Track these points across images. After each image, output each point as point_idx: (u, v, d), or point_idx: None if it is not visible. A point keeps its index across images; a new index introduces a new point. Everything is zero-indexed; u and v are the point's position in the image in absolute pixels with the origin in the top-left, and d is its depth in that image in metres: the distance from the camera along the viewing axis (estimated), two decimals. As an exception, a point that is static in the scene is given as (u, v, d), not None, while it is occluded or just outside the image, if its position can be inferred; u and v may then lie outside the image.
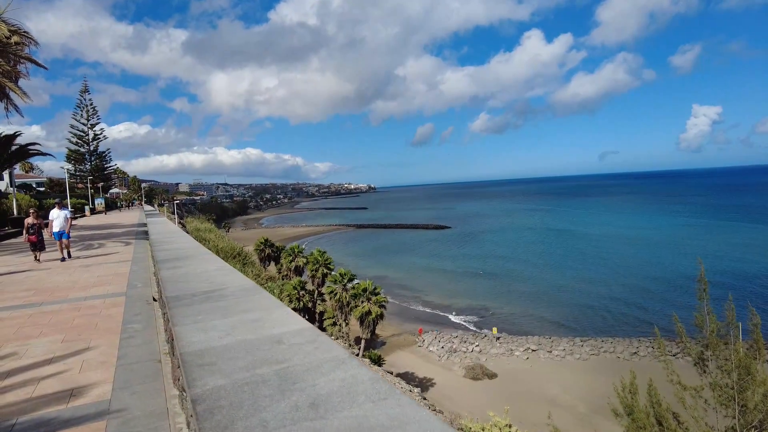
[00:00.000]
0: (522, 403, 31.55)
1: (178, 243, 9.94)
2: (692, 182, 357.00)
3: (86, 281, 9.69)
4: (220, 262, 6.85)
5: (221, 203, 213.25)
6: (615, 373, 34.36)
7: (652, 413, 9.64)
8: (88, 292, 8.55)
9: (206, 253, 7.93)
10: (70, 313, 6.98)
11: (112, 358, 4.93)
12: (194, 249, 8.60)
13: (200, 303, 4.26)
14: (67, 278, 10.29)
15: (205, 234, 48.56)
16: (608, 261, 70.76)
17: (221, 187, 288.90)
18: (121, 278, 9.70)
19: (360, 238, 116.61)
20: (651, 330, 41.70)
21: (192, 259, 7.31)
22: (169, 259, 7.29)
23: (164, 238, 11.40)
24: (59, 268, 12.01)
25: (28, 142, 21.45)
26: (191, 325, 3.56)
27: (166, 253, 8.06)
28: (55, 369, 4.65)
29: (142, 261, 12.04)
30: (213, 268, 6.20)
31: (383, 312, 32.67)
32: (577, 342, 39.40)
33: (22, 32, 14.81)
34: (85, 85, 78.64)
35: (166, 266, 6.58)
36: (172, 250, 8.59)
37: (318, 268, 39.15)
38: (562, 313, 48.25)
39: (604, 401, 30.90)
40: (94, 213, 48.46)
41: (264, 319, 3.68)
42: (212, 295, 4.55)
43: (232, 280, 5.24)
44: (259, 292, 4.64)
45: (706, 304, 9.32)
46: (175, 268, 6.27)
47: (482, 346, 39.57)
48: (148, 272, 10.27)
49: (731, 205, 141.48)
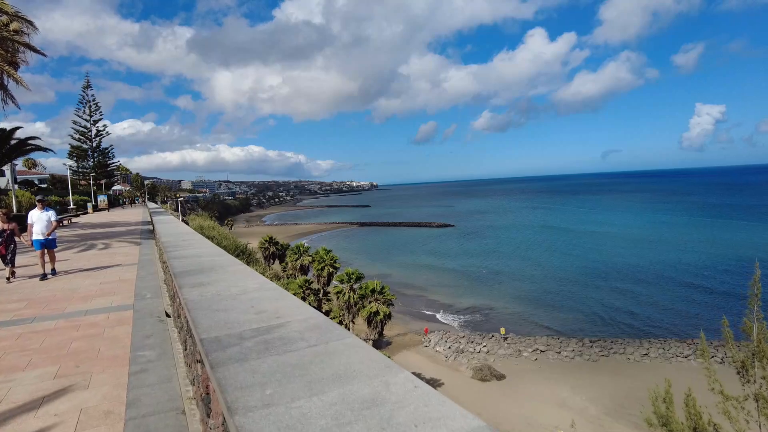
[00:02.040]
0: (531, 404, 31.04)
1: (197, 248, 8.00)
2: (696, 181, 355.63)
3: (87, 289, 8.55)
4: (259, 276, 5.01)
5: (224, 200, 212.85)
6: (626, 375, 34.13)
7: (691, 425, 9.02)
8: (89, 303, 7.43)
9: (235, 262, 6.14)
10: (68, 332, 5.84)
11: (119, 405, 3.77)
12: (219, 256, 6.80)
13: (257, 355, 2.53)
14: (66, 285, 9.14)
15: (209, 231, 48.14)
16: (614, 260, 70.06)
17: (224, 185, 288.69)
18: (127, 286, 8.60)
19: (363, 236, 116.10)
20: (660, 331, 41.32)
21: (220, 271, 5.46)
22: (191, 272, 5.45)
23: (177, 240, 9.40)
24: (60, 273, 10.67)
25: (28, 137, 20.83)
26: (261, 410, 1.86)
27: (185, 262, 6.26)
28: (41, 424, 3.49)
29: (149, 264, 10.92)
30: (253, 286, 4.45)
31: (391, 312, 32.10)
32: (586, 343, 38.81)
33: (21, 16, 14.16)
34: (88, 81, 78.06)
35: (188, 282, 4.81)
36: (190, 257, 6.74)
37: (324, 266, 38.60)
38: (569, 313, 47.66)
39: (615, 403, 30.57)
40: (97, 210, 47.97)
41: (383, 397, 1.93)
42: (270, 339, 2.82)
43: (289, 307, 3.52)
44: (338, 332, 2.92)
45: (756, 309, 8.68)
46: (201, 286, 4.57)
47: (490, 347, 39.01)
48: (158, 278, 9.23)
49: (738, 205, 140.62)
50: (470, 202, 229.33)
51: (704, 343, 10.76)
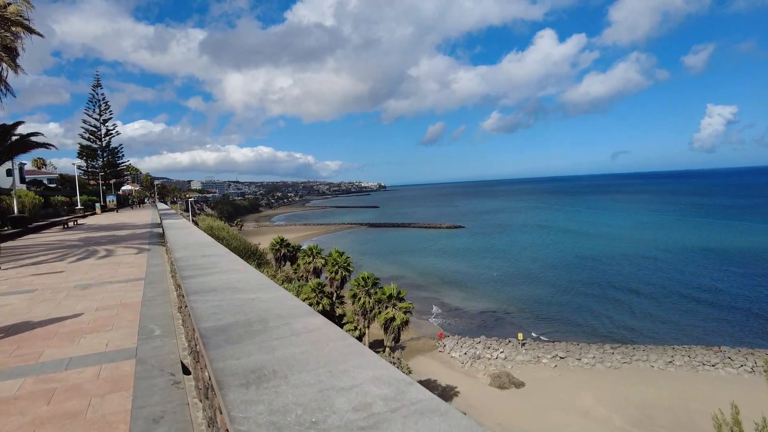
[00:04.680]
0: (553, 414, 29.80)
1: (228, 270, 5.35)
2: (708, 182, 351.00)
3: (78, 319, 6.18)
4: (336, 329, 2.81)
5: (233, 201, 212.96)
6: (651, 383, 32.75)
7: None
8: (75, 345, 5.07)
9: (288, 297, 3.77)
10: (32, 407, 3.55)
11: None
12: (269, 290, 4.09)
13: None
14: (53, 310, 6.69)
15: (219, 232, 47.42)
16: (629, 262, 68.48)
17: (233, 185, 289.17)
18: (130, 314, 6.34)
19: (373, 237, 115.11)
20: (683, 337, 39.83)
21: (284, 329, 2.86)
22: (229, 329, 2.88)
23: (196, 256, 6.80)
24: (41, 290, 8.16)
25: (30, 132, 19.95)
26: None
27: (214, 304, 3.65)
28: None
29: (159, 279, 8.77)
30: (381, 393, 1.87)
31: (408, 318, 31.01)
32: (607, 349, 37.48)
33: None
34: (98, 80, 77.37)
35: (230, 368, 2.16)
36: (221, 293, 4.03)
37: (337, 270, 37.56)
38: (586, 318, 46.33)
39: (642, 414, 29.23)
40: (105, 210, 47.39)
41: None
42: None
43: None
44: None
45: None
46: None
47: (507, 353, 37.81)
48: (169, 301, 7.02)
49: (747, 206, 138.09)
50: (479, 203, 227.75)
51: None
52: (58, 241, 17.21)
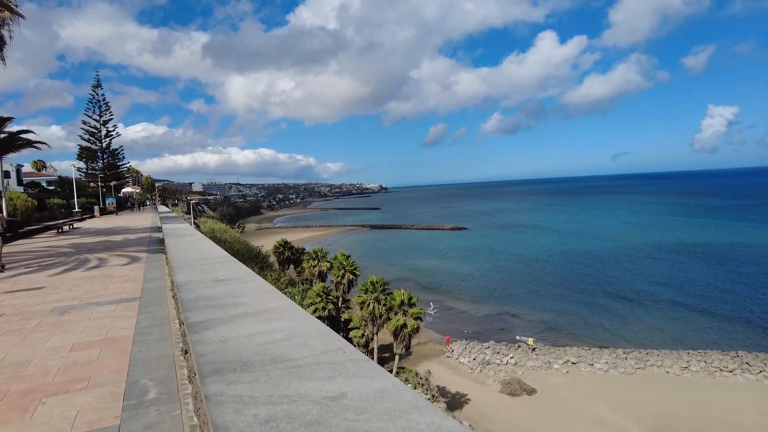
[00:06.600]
0: (569, 424, 28.76)
1: (256, 310, 3.71)
2: (708, 183, 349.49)
3: (44, 365, 4.36)
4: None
5: (234, 203, 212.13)
6: (667, 390, 31.63)
7: None
8: (22, 423, 3.15)
9: (401, 386, 2.11)
10: None
11: None
12: (330, 350, 2.62)
13: None
14: (12, 347, 4.97)
15: (221, 234, 46.47)
16: (635, 264, 67.45)
17: (234, 187, 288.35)
18: (116, 357, 4.54)
19: (376, 239, 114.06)
20: (698, 342, 38.71)
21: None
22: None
23: (205, 280, 5.28)
24: (8, 315, 6.45)
25: (20, 130, 18.94)
26: None
27: (249, 405, 1.91)
28: None
29: (156, 301, 7.06)
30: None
31: (419, 325, 30.00)
32: (620, 354, 36.44)
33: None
34: (98, 80, 76.13)
35: None
36: (257, 367, 2.42)
37: (343, 273, 36.52)
38: (596, 321, 45.30)
39: (661, 423, 28.12)
40: (104, 213, 46.31)
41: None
42: None
43: None
44: None
45: None
46: None
47: (517, 358, 36.80)
48: (169, 334, 5.24)
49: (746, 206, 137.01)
50: (481, 204, 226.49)
51: None
52: (47, 248, 16.09)
